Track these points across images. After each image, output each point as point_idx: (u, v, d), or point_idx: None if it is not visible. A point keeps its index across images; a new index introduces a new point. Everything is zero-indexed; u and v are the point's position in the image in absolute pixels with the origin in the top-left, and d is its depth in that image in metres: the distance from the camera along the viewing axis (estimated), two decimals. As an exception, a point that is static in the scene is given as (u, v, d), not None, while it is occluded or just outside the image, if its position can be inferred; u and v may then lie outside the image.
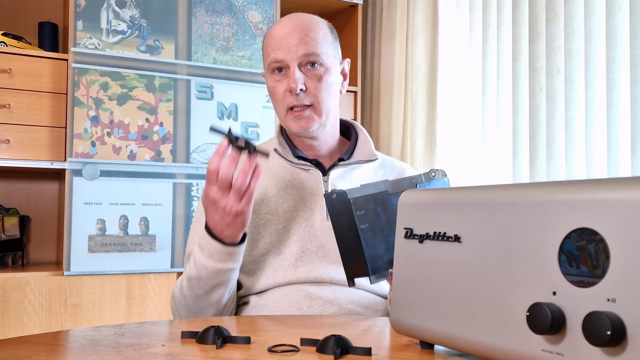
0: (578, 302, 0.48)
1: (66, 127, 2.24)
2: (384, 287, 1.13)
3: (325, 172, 1.18)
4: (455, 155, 2.43)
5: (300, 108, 1.12)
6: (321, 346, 0.65)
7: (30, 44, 2.32)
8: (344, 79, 1.21)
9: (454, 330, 0.59)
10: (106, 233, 2.25)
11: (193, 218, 1.22)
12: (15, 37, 2.26)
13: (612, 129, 1.72)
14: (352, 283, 0.87)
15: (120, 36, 2.32)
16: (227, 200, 0.96)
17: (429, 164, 2.54)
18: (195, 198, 2.39)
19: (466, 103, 2.38)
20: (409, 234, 0.66)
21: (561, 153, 1.89)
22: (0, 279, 2.09)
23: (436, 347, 0.67)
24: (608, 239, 0.46)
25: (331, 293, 1.08)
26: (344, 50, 1.26)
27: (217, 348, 0.67)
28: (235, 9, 2.52)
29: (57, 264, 2.44)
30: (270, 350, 0.66)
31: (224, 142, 0.95)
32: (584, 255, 0.48)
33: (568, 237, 0.49)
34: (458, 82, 2.44)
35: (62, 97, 2.26)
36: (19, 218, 2.35)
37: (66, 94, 2.26)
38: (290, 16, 1.16)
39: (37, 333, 0.77)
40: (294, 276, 1.10)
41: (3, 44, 2.20)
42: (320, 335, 0.71)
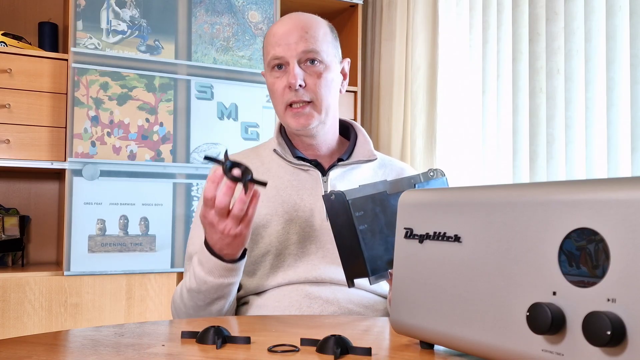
0: (578, 302, 0.48)
1: (66, 127, 2.24)
2: (384, 287, 1.13)
3: (324, 173, 1.18)
4: (455, 155, 2.43)
5: (299, 105, 1.12)
6: (321, 346, 0.65)
7: (30, 44, 2.32)
8: (344, 79, 1.21)
9: (454, 330, 0.59)
10: (106, 233, 2.25)
11: (193, 218, 1.22)
12: (15, 37, 2.26)
13: (612, 129, 1.72)
14: (352, 284, 0.87)
15: (120, 36, 2.32)
16: (225, 224, 0.94)
17: (429, 164, 2.54)
18: (195, 198, 2.39)
19: (466, 103, 2.38)
20: (409, 234, 0.66)
21: (561, 153, 1.89)
22: (0, 279, 2.09)
23: (436, 347, 0.67)
24: (608, 239, 0.46)
25: (331, 293, 1.08)
26: (344, 50, 1.26)
27: (217, 348, 0.67)
28: (235, 9, 2.52)
29: (57, 264, 2.44)
30: (270, 350, 0.66)
31: (219, 171, 0.91)
32: (584, 255, 0.48)
33: (568, 237, 0.49)
34: (458, 82, 2.44)
35: (62, 97, 2.26)
36: (19, 218, 2.35)
37: (66, 94, 2.26)
38: (290, 15, 1.16)
39: (37, 333, 0.77)
40: (294, 276, 1.10)
41: (3, 44, 2.20)
42: (320, 335, 0.71)
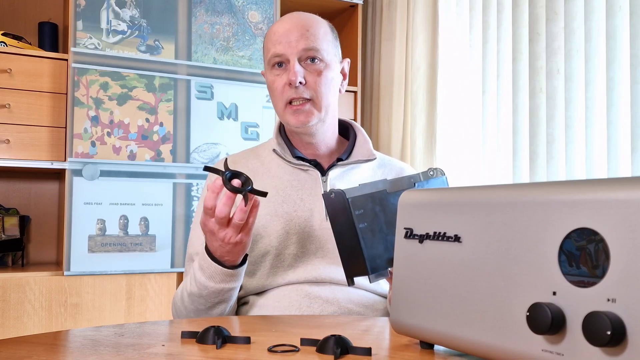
0: (578, 302, 0.48)
1: (66, 127, 2.24)
2: (384, 287, 1.13)
3: (324, 172, 1.18)
4: (455, 155, 2.43)
5: (299, 102, 1.12)
6: (321, 346, 0.65)
7: (30, 44, 2.32)
8: (344, 79, 1.21)
9: (454, 330, 0.59)
10: (106, 233, 2.25)
11: (193, 218, 1.21)
12: (15, 37, 2.26)
13: (612, 129, 1.72)
14: (352, 282, 0.87)
15: (120, 36, 2.32)
16: (225, 233, 0.94)
17: (429, 164, 2.54)
18: (195, 198, 2.39)
19: (466, 103, 2.38)
20: (409, 234, 0.66)
21: (561, 153, 1.89)
22: (0, 279, 2.09)
23: (436, 347, 0.67)
24: (608, 239, 0.46)
25: (331, 293, 1.08)
26: (344, 50, 1.26)
27: (217, 348, 0.67)
28: (235, 9, 2.52)
29: (57, 264, 2.44)
30: (270, 350, 0.66)
31: (218, 181, 0.91)
32: (584, 255, 0.48)
33: (568, 237, 0.49)
34: (458, 82, 2.44)
35: (62, 97, 2.26)
36: (19, 218, 2.35)
37: (66, 94, 2.26)
38: (291, 14, 1.16)
39: (37, 333, 0.77)
40: (294, 276, 1.10)
41: (3, 44, 2.20)
42: (320, 335, 0.71)
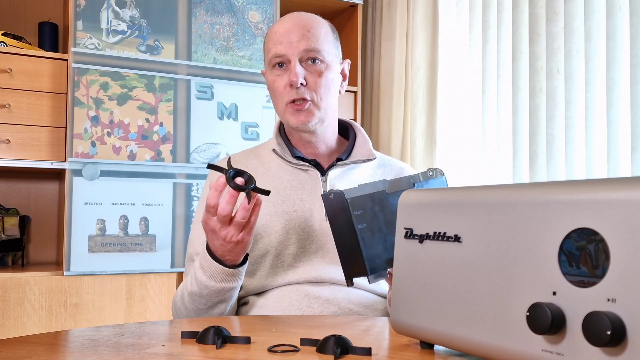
0: (578, 302, 0.48)
1: (66, 127, 2.24)
2: (383, 287, 1.13)
3: (323, 172, 1.18)
4: (455, 155, 2.43)
5: (300, 102, 1.12)
6: (321, 346, 0.65)
7: (30, 44, 2.32)
8: (344, 80, 1.21)
9: (454, 330, 0.59)
10: (106, 233, 2.25)
11: (193, 218, 1.21)
12: (15, 37, 2.26)
13: (612, 129, 1.72)
14: (351, 283, 0.87)
15: (120, 36, 2.32)
16: (227, 231, 0.94)
17: (429, 164, 2.54)
18: (195, 198, 2.39)
19: (466, 103, 2.38)
20: (409, 234, 0.66)
21: (561, 153, 1.89)
22: (0, 279, 2.09)
23: (436, 347, 0.67)
24: (608, 239, 0.46)
25: (330, 293, 1.08)
26: (344, 50, 1.26)
27: (217, 348, 0.67)
28: (235, 9, 2.52)
29: (57, 264, 2.44)
30: (270, 350, 0.66)
31: (222, 178, 0.91)
32: (584, 255, 0.48)
33: (568, 237, 0.49)
34: (458, 82, 2.44)
35: (62, 97, 2.26)
36: (19, 218, 2.35)
37: (66, 94, 2.26)
38: (292, 14, 1.16)
39: (37, 333, 0.77)
40: (294, 277, 1.10)
41: (3, 44, 2.20)
42: (320, 335, 0.71)
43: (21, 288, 2.12)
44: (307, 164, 1.17)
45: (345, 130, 1.27)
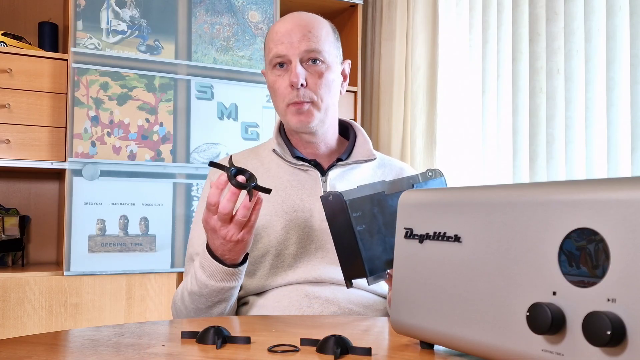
0: (578, 302, 0.48)
1: (66, 127, 2.24)
2: (383, 287, 1.13)
3: (324, 172, 1.18)
4: (455, 155, 2.43)
5: (300, 103, 1.12)
6: (321, 346, 0.65)
7: (30, 44, 2.32)
8: (344, 80, 1.21)
9: (454, 330, 0.59)
10: (106, 233, 2.25)
11: (193, 218, 1.21)
12: (15, 37, 2.26)
13: (612, 129, 1.72)
14: (350, 284, 0.87)
15: (120, 36, 2.32)
16: (228, 230, 0.94)
17: (429, 164, 2.54)
18: (195, 198, 2.39)
19: (466, 103, 2.38)
20: (409, 234, 0.66)
21: (561, 153, 1.89)
22: (0, 279, 2.09)
23: (436, 347, 0.67)
24: (608, 239, 0.46)
25: (330, 293, 1.08)
26: (344, 50, 1.26)
27: (217, 348, 0.67)
28: (235, 9, 2.52)
29: (57, 264, 2.44)
30: (270, 350, 0.66)
31: (223, 177, 0.91)
32: (584, 255, 0.48)
33: (568, 237, 0.49)
34: (458, 82, 2.44)
35: (62, 97, 2.26)
36: (19, 218, 2.35)
37: (66, 94, 2.26)
38: (292, 14, 1.16)
39: (37, 333, 0.77)
40: (294, 277, 1.10)
41: (3, 44, 2.20)
42: (320, 335, 0.71)
43: (21, 288, 2.12)
44: (307, 164, 1.17)
45: (345, 130, 1.27)
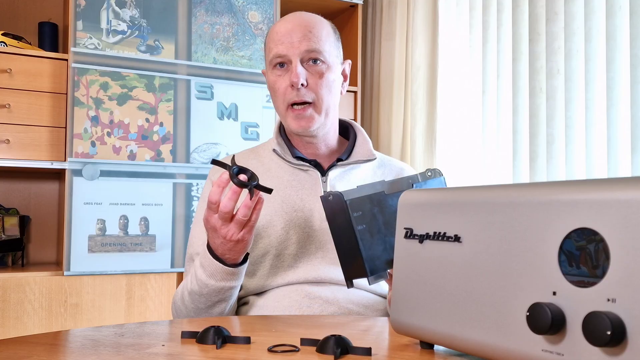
0: (578, 302, 0.48)
1: (66, 127, 2.24)
2: (383, 287, 1.13)
3: (324, 172, 1.18)
4: (455, 155, 2.43)
5: (301, 107, 1.12)
6: (321, 346, 0.65)
7: (30, 44, 2.32)
8: (345, 80, 1.21)
9: (454, 330, 0.59)
10: (106, 233, 2.25)
11: (193, 218, 1.21)
12: (15, 37, 2.26)
13: (612, 129, 1.72)
14: (351, 284, 0.87)
15: (120, 36, 2.32)
16: (228, 229, 0.94)
17: (429, 164, 2.54)
18: (195, 198, 2.39)
19: (466, 103, 2.38)
20: (409, 234, 0.66)
21: (561, 153, 1.89)
22: (0, 279, 2.09)
23: (436, 347, 0.67)
24: (608, 239, 0.46)
25: (331, 293, 1.08)
26: (344, 50, 1.26)
27: (217, 348, 0.67)
28: (235, 9, 2.52)
29: (57, 264, 2.44)
30: (270, 350, 0.66)
31: (225, 176, 0.92)
32: (584, 255, 0.48)
33: (568, 237, 0.49)
34: (458, 82, 2.44)
35: (62, 97, 2.26)
36: (19, 218, 2.35)
37: (66, 94, 2.26)
38: (293, 14, 1.16)
39: (37, 333, 0.77)
40: (294, 277, 1.10)
41: (3, 44, 2.20)
42: (320, 335, 0.71)
43: (21, 288, 2.12)
44: (307, 164, 1.17)
45: (345, 130, 1.26)
